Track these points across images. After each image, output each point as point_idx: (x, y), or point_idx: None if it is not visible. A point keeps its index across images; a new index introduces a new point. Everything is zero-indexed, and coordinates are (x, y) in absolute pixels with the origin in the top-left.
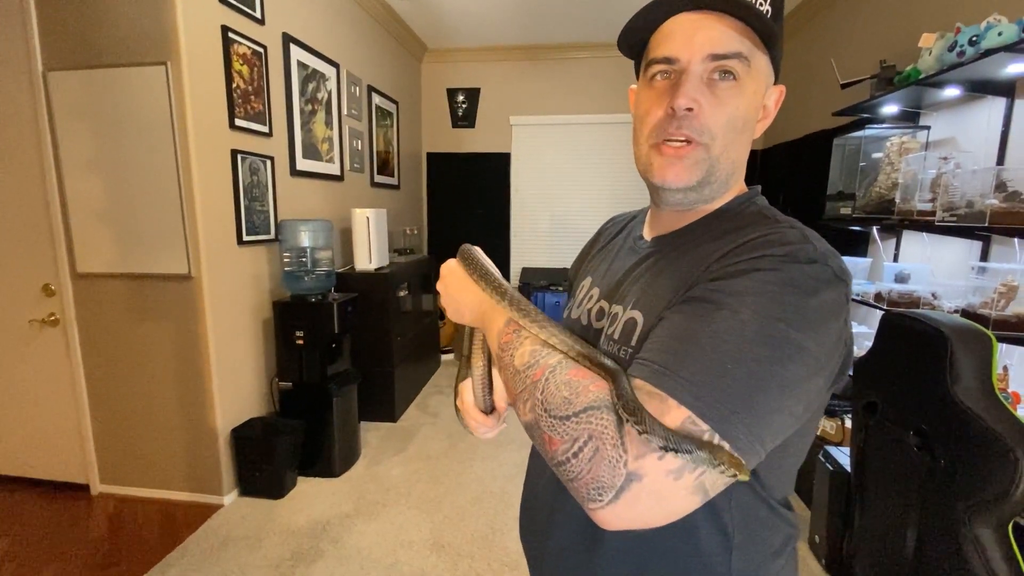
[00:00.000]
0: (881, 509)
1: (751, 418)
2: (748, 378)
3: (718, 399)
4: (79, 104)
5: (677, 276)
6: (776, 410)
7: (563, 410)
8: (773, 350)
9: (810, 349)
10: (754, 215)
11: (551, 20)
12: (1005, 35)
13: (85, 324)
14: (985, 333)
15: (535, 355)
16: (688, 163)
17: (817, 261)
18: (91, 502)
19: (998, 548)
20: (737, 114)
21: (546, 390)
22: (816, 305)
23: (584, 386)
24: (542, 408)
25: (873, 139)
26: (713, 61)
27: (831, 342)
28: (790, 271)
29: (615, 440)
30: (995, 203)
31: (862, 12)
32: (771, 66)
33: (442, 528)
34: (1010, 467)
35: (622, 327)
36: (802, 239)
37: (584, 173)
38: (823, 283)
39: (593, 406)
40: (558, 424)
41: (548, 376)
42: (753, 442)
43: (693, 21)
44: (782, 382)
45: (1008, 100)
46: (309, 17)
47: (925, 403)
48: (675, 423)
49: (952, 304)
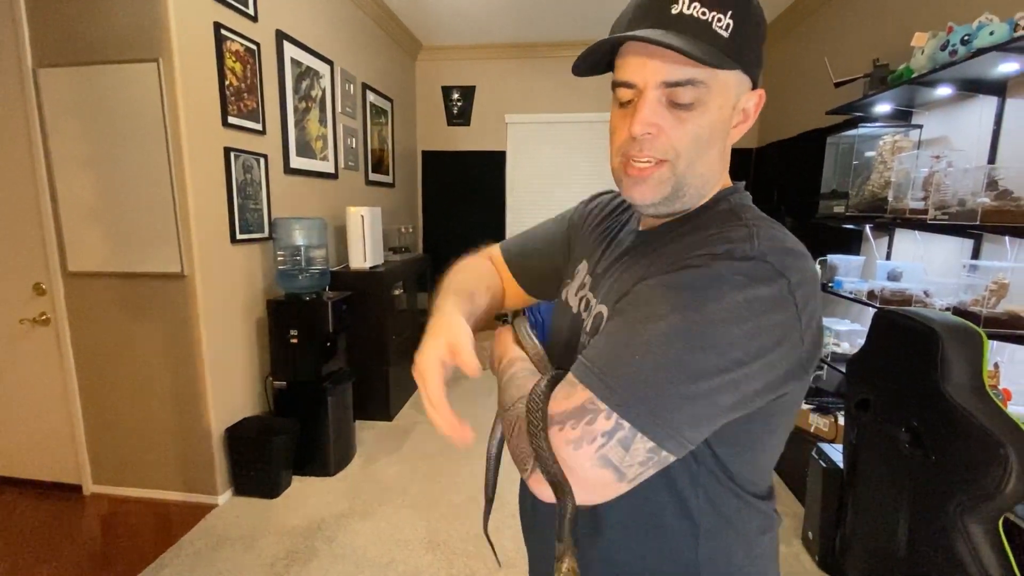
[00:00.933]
0: (873, 505)
1: (656, 403)
2: (655, 368)
3: (620, 385)
4: (70, 101)
5: (638, 272)
6: (688, 398)
7: (507, 403)
8: (685, 343)
9: (730, 342)
10: (722, 214)
11: (547, 18)
12: (997, 34)
13: (77, 323)
14: (976, 331)
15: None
16: (652, 183)
17: (754, 258)
18: (83, 502)
19: (988, 543)
20: (701, 131)
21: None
22: (741, 300)
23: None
24: (500, 407)
25: (866, 138)
26: (666, 88)
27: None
28: (718, 267)
29: None
30: (986, 201)
31: (855, 11)
32: (744, 75)
33: (437, 526)
34: (1000, 463)
35: (592, 320)
36: (745, 237)
37: (580, 171)
38: (755, 279)
39: (524, 395)
40: (504, 414)
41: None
42: (660, 424)
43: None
44: (693, 372)
45: (999, 99)
46: (303, 14)
47: (916, 400)
48: (577, 403)
49: (944, 302)
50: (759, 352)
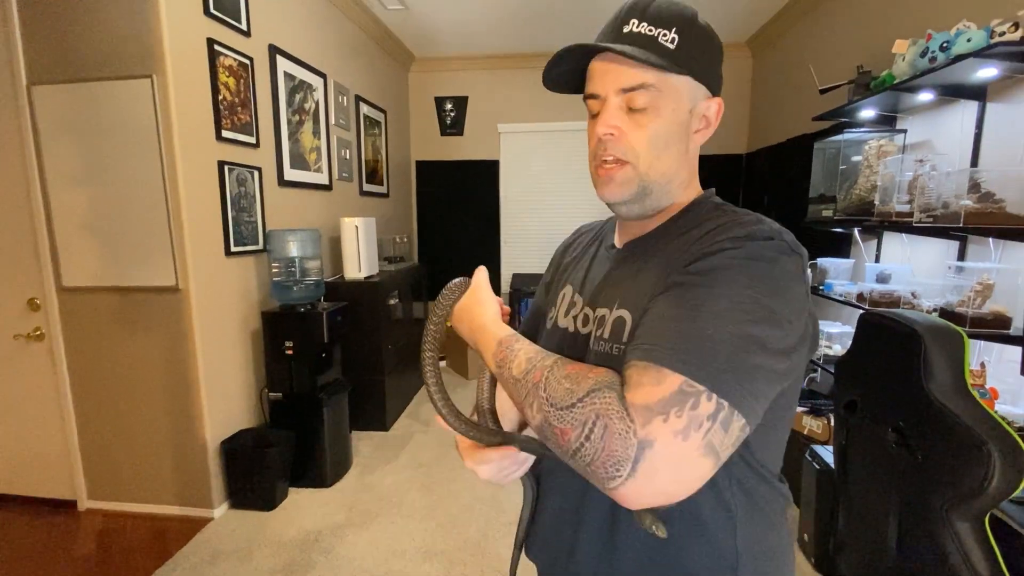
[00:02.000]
0: (864, 506)
1: (739, 375)
2: (729, 340)
3: (705, 361)
4: (64, 118)
5: (654, 272)
6: (759, 367)
7: (567, 399)
8: (746, 314)
9: (780, 311)
10: (711, 209)
11: (538, 29)
12: (974, 41)
13: (71, 338)
14: (957, 331)
15: (531, 361)
16: (618, 181)
17: (773, 238)
18: (78, 518)
19: (975, 540)
20: (657, 133)
21: (548, 387)
22: (778, 273)
23: (583, 375)
24: (548, 404)
25: (852, 143)
26: (624, 93)
27: (797, 304)
28: (751, 247)
29: (620, 413)
30: (969, 204)
31: (839, 19)
32: (697, 82)
33: (434, 536)
34: (983, 461)
35: (611, 326)
36: (757, 221)
37: (572, 179)
38: (781, 253)
39: (595, 388)
40: (566, 414)
41: (547, 376)
42: (746, 396)
43: (605, 61)
44: (760, 342)
45: (980, 103)
46: (295, 29)
47: (902, 400)
48: (673, 388)
49: (931, 303)
50: (796, 318)
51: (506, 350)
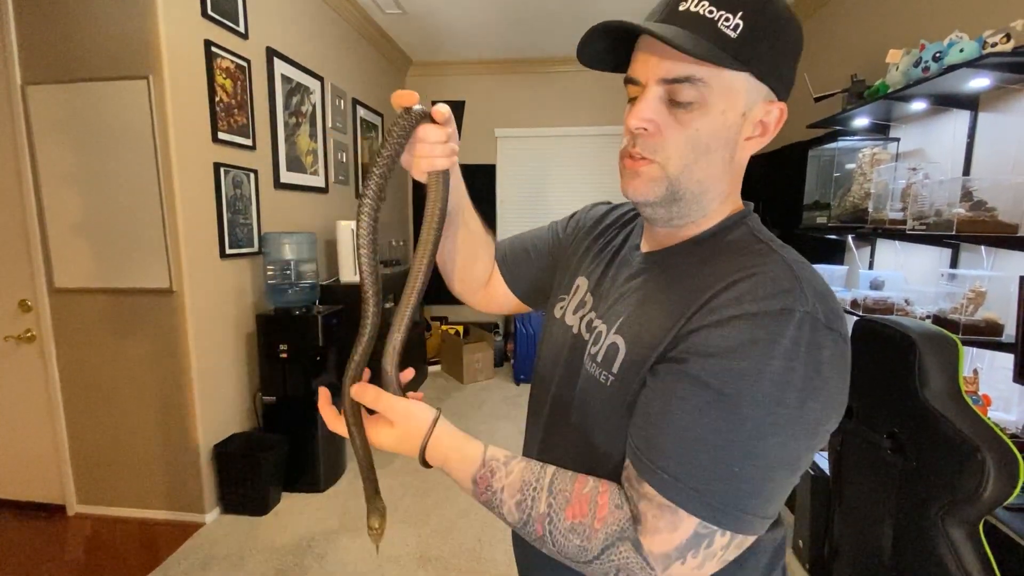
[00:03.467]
0: (859, 512)
1: (760, 508)
2: (756, 473)
3: (728, 504)
4: (59, 118)
5: (663, 308)
6: (787, 486)
7: (582, 556)
8: (779, 437)
9: (813, 419)
10: (742, 241)
11: (535, 34)
12: (966, 52)
13: (62, 340)
14: (951, 338)
15: (523, 509)
16: (644, 179)
17: (809, 316)
18: (67, 523)
19: (970, 547)
20: (699, 135)
21: (556, 543)
22: (814, 374)
23: (589, 527)
24: (563, 557)
25: (846, 150)
26: (666, 84)
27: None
28: (783, 342)
29: (641, 563)
30: (962, 212)
31: (834, 29)
32: (758, 81)
33: (429, 541)
34: (977, 467)
35: (604, 351)
36: (792, 284)
37: (569, 184)
38: (818, 347)
39: (608, 544)
40: (585, 567)
41: (549, 529)
42: (765, 522)
43: (652, 43)
44: (791, 464)
45: (972, 113)
46: (293, 31)
47: (896, 407)
48: (688, 532)
49: (924, 310)
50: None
51: (487, 492)
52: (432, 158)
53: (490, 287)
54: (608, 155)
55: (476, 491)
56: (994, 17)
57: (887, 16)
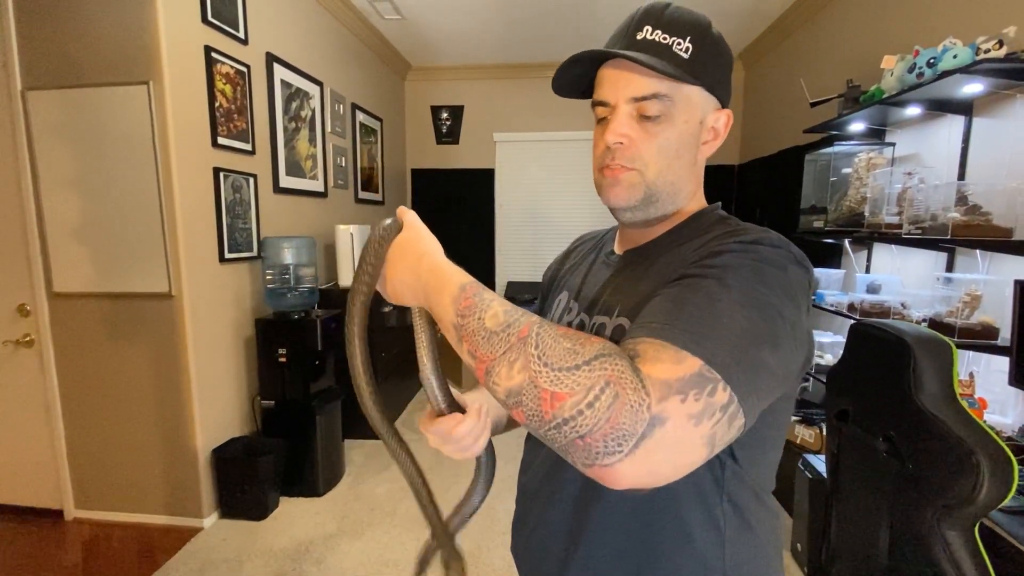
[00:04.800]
0: (856, 515)
1: (749, 370)
2: (741, 332)
3: (722, 349)
4: (59, 123)
5: (656, 277)
6: (764, 366)
7: (569, 360)
8: (758, 311)
9: (787, 315)
10: (716, 221)
11: (533, 39)
12: (960, 58)
13: (61, 345)
14: (945, 341)
15: (510, 314)
16: (625, 185)
17: (781, 247)
18: (65, 528)
19: (966, 549)
20: (668, 143)
21: (541, 344)
22: (787, 279)
23: (583, 337)
24: (540, 363)
25: (842, 155)
26: (635, 102)
27: (801, 315)
28: (761, 251)
29: (635, 384)
30: (957, 216)
31: (829, 34)
32: (708, 93)
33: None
34: (972, 470)
35: (611, 334)
36: (761, 231)
37: (567, 188)
38: (789, 262)
39: (603, 353)
40: (564, 376)
41: (538, 331)
42: (752, 393)
43: (617, 68)
44: (770, 339)
45: (967, 118)
46: (293, 37)
47: (892, 410)
48: (692, 370)
49: (920, 313)
50: (800, 330)
51: (473, 297)
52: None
53: None
54: None
55: (460, 295)
56: (987, 23)
57: (882, 22)
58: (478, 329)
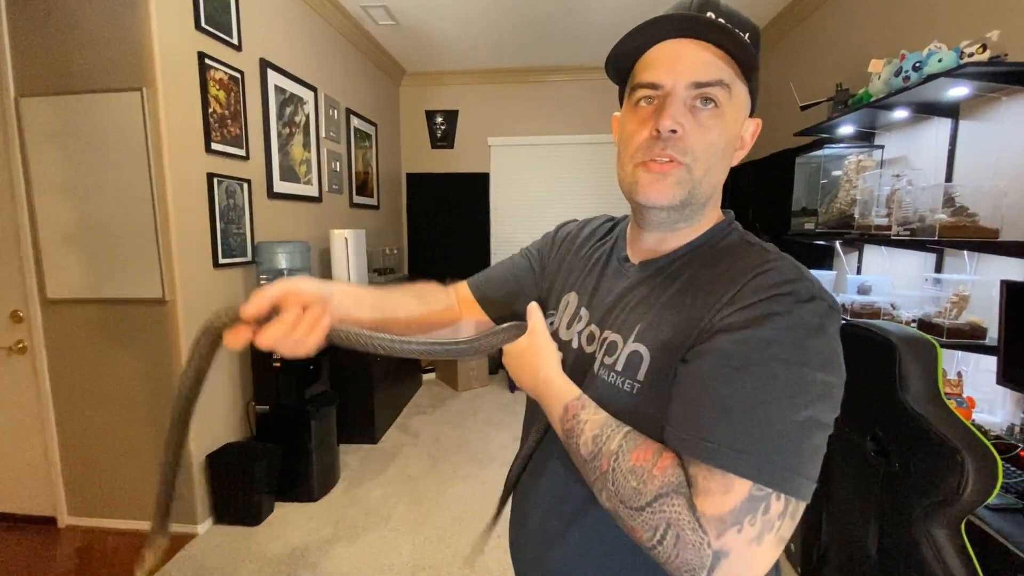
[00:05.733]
0: (846, 514)
1: (803, 466)
2: (792, 431)
3: (773, 460)
4: (52, 129)
5: (682, 313)
6: (818, 448)
7: (636, 501)
8: (807, 396)
9: (831, 382)
10: (739, 244)
11: (527, 44)
12: (945, 62)
13: (54, 351)
14: (930, 341)
15: (597, 442)
16: (671, 181)
17: (815, 297)
18: (58, 535)
19: (952, 547)
20: (718, 140)
21: (616, 481)
22: (827, 342)
23: (648, 471)
24: (618, 499)
25: (832, 158)
26: (696, 88)
27: (841, 369)
28: (800, 314)
29: (692, 524)
30: (944, 218)
31: (819, 38)
32: (749, 97)
33: (423, 550)
34: (957, 468)
35: (626, 360)
36: (798, 274)
37: (562, 192)
38: (826, 318)
39: (662, 493)
40: (636, 514)
41: (613, 466)
42: (808, 483)
43: (676, 48)
44: (820, 423)
45: (953, 121)
46: (287, 42)
47: (879, 409)
48: (743, 495)
49: (910, 314)
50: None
51: (572, 420)
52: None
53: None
54: (600, 163)
55: (564, 416)
56: (971, 28)
57: (869, 26)
58: (576, 453)
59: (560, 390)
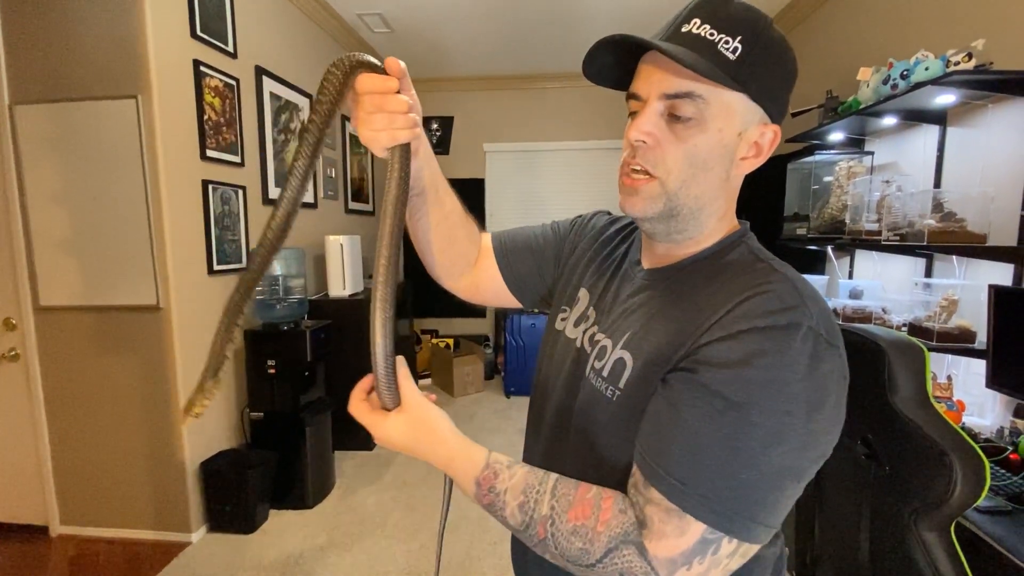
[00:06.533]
0: (838, 517)
1: (764, 515)
2: (762, 481)
3: (736, 511)
4: (47, 137)
5: (670, 325)
6: (789, 497)
7: (585, 559)
8: (785, 446)
9: (817, 428)
10: (744, 260)
11: (523, 51)
12: (932, 70)
13: (47, 359)
14: (918, 345)
15: (525, 511)
16: (643, 196)
17: (811, 330)
18: (50, 544)
19: (942, 549)
20: (696, 151)
21: (559, 546)
22: (817, 384)
23: (592, 530)
24: (564, 560)
25: (824, 164)
26: (667, 99)
27: (834, 412)
28: (790, 354)
29: (645, 569)
30: (932, 223)
31: (809, 46)
32: (753, 103)
33: (418, 557)
34: (946, 471)
35: (611, 366)
36: (797, 301)
37: (556, 198)
38: (820, 358)
39: (611, 548)
40: (588, 571)
41: (552, 531)
42: (770, 531)
43: (654, 61)
44: (796, 473)
45: (941, 128)
46: (282, 50)
47: (869, 413)
48: (695, 538)
49: (901, 318)
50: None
51: (490, 494)
52: (393, 130)
53: (479, 277)
54: (596, 169)
55: (479, 493)
56: (957, 37)
57: (858, 35)
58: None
59: (465, 464)
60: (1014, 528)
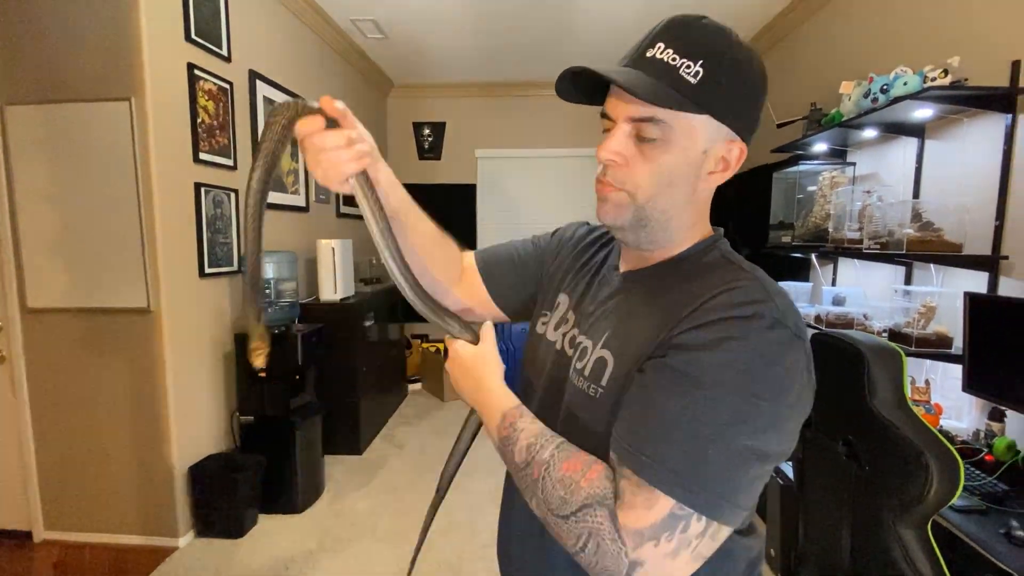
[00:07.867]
0: (821, 517)
1: (732, 493)
2: (729, 459)
3: (702, 486)
4: (38, 138)
5: (648, 322)
6: (756, 478)
7: (562, 509)
8: (750, 425)
9: (782, 413)
10: (716, 262)
11: (514, 59)
12: (910, 85)
13: (34, 361)
14: (896, 350)
15: (531, 451)
16: (612, 204)
17: (779, 322)
18: (33, 551)
19: (920, 547)
20: (662, 169)
21: (544, 489)
22: (782, 372)
23: (576, 482)
24: (545, 507)
25: (808, 174)
26: (632, 123)
27: (798, 400)
28: (757, 341)
29: (612, 534)
30: (911, 232)
31: (794, 59)
32: (718, 122)
33: (408, 562)
34: (923, 471)
35: (592, 365)
36: (764, 296)
37: (546, 204)
38: (786, 348)
39: (587, 504)
40: (561, 523)
41: (544, 475)
42: (738, 512)
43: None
44: (761, 454)
45: (919, 140)
46: (276, 54)
47: (850, 415)
48: (664, 512)
49: (881, 324)
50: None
51: (509, 428)
52: (340, 166)
53: (464, 293)
54: (585, 176)
55: (501, 424)
56: (934, 53)
57: (840, 49)
58: (509, 461)
59: (500, 399)
60: (989, 526)
